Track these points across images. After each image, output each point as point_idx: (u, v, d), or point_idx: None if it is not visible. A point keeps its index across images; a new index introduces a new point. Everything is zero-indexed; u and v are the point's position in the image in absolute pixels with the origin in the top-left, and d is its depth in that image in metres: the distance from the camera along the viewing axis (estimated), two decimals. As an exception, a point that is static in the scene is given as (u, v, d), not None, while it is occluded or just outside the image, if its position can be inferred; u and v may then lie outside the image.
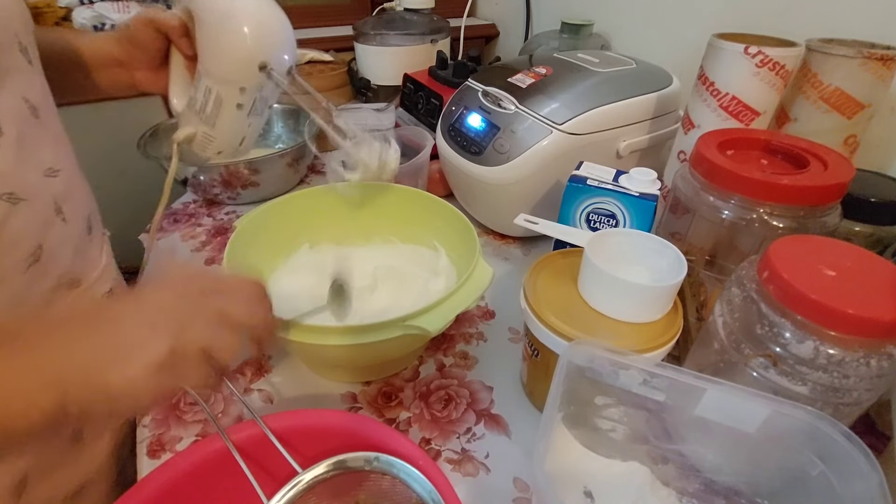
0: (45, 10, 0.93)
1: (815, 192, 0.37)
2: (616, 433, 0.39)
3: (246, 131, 0.49)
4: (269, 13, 0.45)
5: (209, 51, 0.45)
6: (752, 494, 0.35)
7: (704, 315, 0.44)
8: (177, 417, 0.44)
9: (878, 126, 0.47)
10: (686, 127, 0.53)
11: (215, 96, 0.46)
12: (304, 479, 0.32)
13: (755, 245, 0.40)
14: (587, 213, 0.51)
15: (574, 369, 0.34)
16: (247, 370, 0.49)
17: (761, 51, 0.45)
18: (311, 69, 0.96)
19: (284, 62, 0.46)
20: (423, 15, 0.96)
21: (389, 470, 0.32)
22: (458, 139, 0.62)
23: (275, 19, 0.45)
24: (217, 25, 0.44)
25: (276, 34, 0.45)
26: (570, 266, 0.43)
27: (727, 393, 0.32)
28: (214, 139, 0.49)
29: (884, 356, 0.29)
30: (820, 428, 0.29)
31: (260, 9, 0.44)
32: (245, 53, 0.44)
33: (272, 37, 0.45)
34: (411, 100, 0.83)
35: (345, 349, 0.38)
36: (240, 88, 0.45)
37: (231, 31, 0.43)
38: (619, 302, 0.38)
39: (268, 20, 0.45)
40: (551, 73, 0.60)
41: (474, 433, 0.43)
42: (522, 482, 0.39)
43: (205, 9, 0.44)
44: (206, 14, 0.44)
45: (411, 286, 0.50)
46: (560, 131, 0.55)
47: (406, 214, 0.56)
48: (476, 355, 0.51)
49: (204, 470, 0.33)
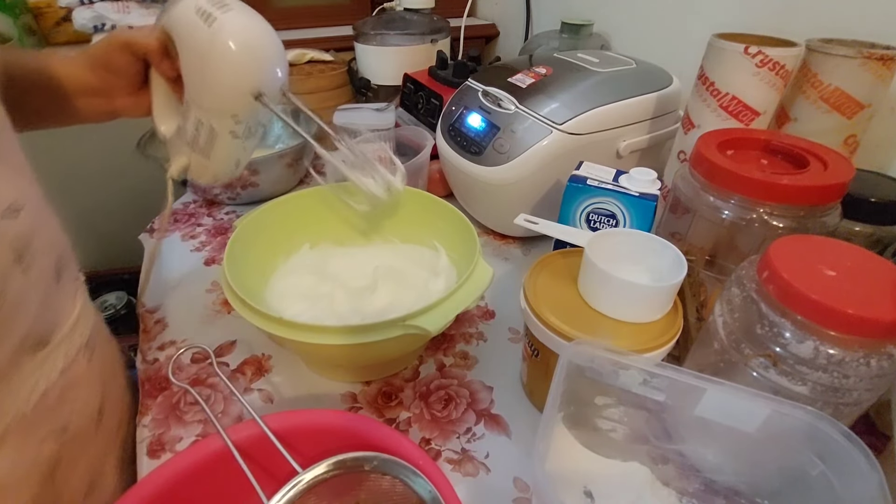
0: (46, 10, 0.93)
1: (815, 192, 0.37)
2: (616, 433, 0.39)
3: (241, 154, 0.47)
4: (256, 33, 0.41)
5: (197, 82, 0.42)
6: (752, 494, 0.35)
7: (704, 315, 0.44)
8: (177, 417, 0.44)
9: (878, 126, 0.47)
10: (686, 127, 0.53)
11: (208, 128, 0.43)
12: (304, 479, 0.32)
13: (755, 245, 0.40)
14: (587, 213, 0.51)
15: (574, 369, 0.34)
16: (247, 370, 0.49)
17: (761, 51, 0.45)
18: (311, 69, 0.96)
19: (278, 81, 0.43)
20: (423, 15, 0.96)
21: (389, 470, 0.32)
22: (458, 139, 0.62)
23: (263, 39, 0.41)
24: (203, 57, 0.40)
25: (267, 57, 0.42)
26: (570, 266, 0.43)
27: (727, 393, 0.32)
28: (210, 167, 0.47)
29: (884, 356, 0.29)
30: (820, 428, 0.29)
31: (246, 31, 0.40)
32: (236, 84, 0.40)
33: (263, 61, 0.41)
34: (411, 100, 0.83)
35: (345, 349, 0.38)
36: (232, 116, 0.42)
37: (218, 61, 0.40)
38: (619, 302, 0.38)
39: (256, 42, 0.41)
40: (551, 73, 0.60)
41: (474, 433, 0.43)
42: (522, 482, 0.39)
43: (187, 36, 0.41)
44: (189, 41, 0.41)
45: (411, 286, 0.50)
46: (560, 131, 0.55)
47: (406, 214, 0.56)
48: (476, 355, 0.51)
49: (204, 470, 0.33)
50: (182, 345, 0.52)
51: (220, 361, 0.50)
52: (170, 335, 0.53)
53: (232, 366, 0.49)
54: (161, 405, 0.45)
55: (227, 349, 0.51)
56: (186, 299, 0.58)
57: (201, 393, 0.46)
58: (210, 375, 0.48)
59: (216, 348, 0.51)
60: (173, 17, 0.42)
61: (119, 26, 0.89)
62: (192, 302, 0.57)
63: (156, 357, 0.50)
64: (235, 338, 0.52)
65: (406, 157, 0.70)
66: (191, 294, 0.58)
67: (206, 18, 0.39)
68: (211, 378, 0.48)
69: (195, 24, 0.40)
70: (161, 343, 0.52)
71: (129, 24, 0.89)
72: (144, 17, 0.91)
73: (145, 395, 0.46)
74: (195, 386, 0.47)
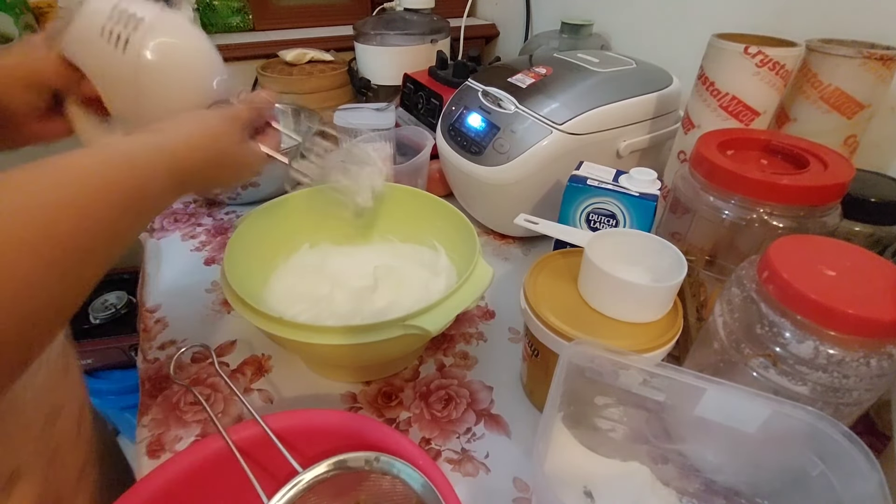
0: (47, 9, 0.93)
1: (815, 192, 0.37)
2: (616, 433, 0.39)
3: None
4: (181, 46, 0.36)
5: (131, 108, 0.37)
6: (752, 494, 0.35)
7: (704, 315, 0.44)
8: (177, 417, 0.44)
9: (878, 126, 0.47)
10: (686, 127, 0.53)
11: None
12: (304, 478, 0.32)
13: (755, 245, 0.40)
14: (587, 213, 0.51)
15: (574, 369, 0.34)
16: (247, 370, 0.49)
17: (761, 51, 0.45)
18: (311, 69, 0.96)
19: (222, 86, 0.39)
20: (423, 15, 0.96)
21: (389, 470, 0.32)
22: (458, 139, 0.62)
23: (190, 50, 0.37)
24: (130, 85, 0.35)
25: (204, 65, 0.37)
26: (570, 266, 0.43)
27: (727, 393, 0.32)
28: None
29: (884, 356, 0.29)
30: (820, 428, 0.29)
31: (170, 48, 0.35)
32: (180, 104, 0.36)
33: (200, 71, 0.37)
34: (411, 100, 0.83)
35: (345, 349, 0.38)
36: None
37: (151, 87, 0.36)
38: (619, 302, 0.38)
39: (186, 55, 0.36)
40: (551, 73, 0.60)
41: (474, 433, 0.43)
42: (522, 482, 0.39)
43: (102, 65, 0.35)
44: (106, 70, 0.36)
45: (411, 286, 0.50)
46: (560, 131, 0.55)
47: (406, 214, 0.56)
48: (476, 355, 0.51)
49: (204, 470, 0.33)
50: (182, 344, 0.52)
51: (220, 361, 0.50)
52: (170, 335, 0.53)
53: (232, 366, 0.49)
54: (161, 405, 0.45)
55: (227, 349, 0.51)
56: (186, 299, 0.58)
57: (201, 393, 0.46)
58: (210, 375, 0.48)
59: (216, 348, 0.51)
60: (73, 45, 0.35)
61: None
62: (192, 302, 0.57)
63: (156, 356, 0.50)
64: (235, 338, 0.52)
65: (406, 157, 0.70)
66: (191, 294, 0.58)
67: (116, 42, 0.34)
68: (211, 378, 0.48)
69: (106, 50, 0.35)
70: (161, 343, 0.52)
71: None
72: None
73: (145, 394, 0.46)
74: (195, 386, 0.47)
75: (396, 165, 0.67)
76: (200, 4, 1.05)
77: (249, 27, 1.13)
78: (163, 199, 0.32)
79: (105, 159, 0.28)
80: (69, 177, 0.26)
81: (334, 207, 0.50)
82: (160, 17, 0.36)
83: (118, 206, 0.28)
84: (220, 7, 1.08)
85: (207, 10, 1.07)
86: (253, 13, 1.12)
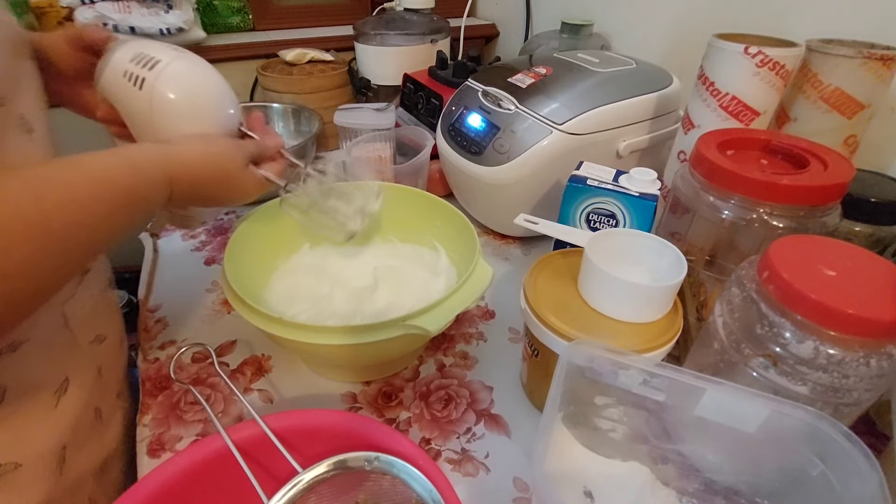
0: (48, 9, 0.93)
1: (815, 192, 0.37)
2: (616, 433, 0.39)
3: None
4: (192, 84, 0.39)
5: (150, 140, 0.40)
6: (752, 494, 0.35)
7: (704, 315, 0.44)
8: (177, 417, 0.44)
9: (878, 126, 0.47)
10: (686, 127, 0.53)
11: None
12: (304, 478, 0.32)
13: (755, 245, 0.40)
14: (587, 213, 0.51)
15: (574, 369, 0.34)
16: (247, 370, 0.49)
17: (761, 51, 0.45)
18: (311, 69, 0.96)
19: (230, 120, 0.42)
20: (423, 15, 0.96)
21: (389, 470, 0.32)
22: (458, 139, 0.62)
23: (200, 88, 0.40)
24: (147, 119, 0.39)
25: (212, 102, 0.40)
26: (570, 266, 0.43)
27: (727, 393, 0.32)
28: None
29: (884, 356, 0.29)
30: (820, 428, 0.29)
31: (181, 87, 0.39)
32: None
33: (209, 108, 0.40)
34: (411, 100, 0.83)
35: (345, 349, 0.38)
36: None
37: (163, 123, 0.39)
38: (619, 302, 0.38)
39: (195, 93, 0.39)
40: (551, 73, 0.60)
41: (474, 433, 0.43)
42: (522, 482, 0.39)
43: (125, 104, 0.39)
44: (128, 108, 0.40)
45: (411, 286, 0.50)
46: (560, 131, 0.55)
47: (406, 214, 0.56)
48: (476, 355, 0.51)
49: (204, 470, 0.33)
50: (182, 344, 0.52)
51: (220, 361, 0.50)
52: (170, 335, 0.53)
53: (232, 366, 0.49)
54: (161, 404, 0.45)
55: (227, 349, 0.51)
56: (187, 299, 0.58)
57: (201, 392, 0.46)
58: (210, 375, 0.48)
59: (216, 348, 0.51)
60: (105, 87, 0.40)
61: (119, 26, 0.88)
62: (192, 302, 0.57)
63: (156, 356, 0.50)
64: (235, 338, 0.52)
65: (406, 157, 0.70)
66: (191, 294, 0.58)
67: (135, 82, 0.38)
68: (211, 378, 0.48)
69: (127, 90, 0.39)
70: (162, 342, 0.52)
71: (131, 25, 0.89)
72: (145, 16, 0.91)
73: (146, 394, 0.46)
74: (195, 385, 0.47)
75: (396, 165, 0.68)
76: (200, 4, 1.05)
77: (249, 27, 1.13)
78: (157, 203, 0.35)
79: (110, 159, 0.32)
80: (75, 173, 0.29)
81: (326, 231, 0.51)
82: (175, 57, 0.39)
83: (114, 203, 0.31)
84: (220, 7, 1.08)
85: (207, 9, 1.07)
86: (253, 13, 1.12)
